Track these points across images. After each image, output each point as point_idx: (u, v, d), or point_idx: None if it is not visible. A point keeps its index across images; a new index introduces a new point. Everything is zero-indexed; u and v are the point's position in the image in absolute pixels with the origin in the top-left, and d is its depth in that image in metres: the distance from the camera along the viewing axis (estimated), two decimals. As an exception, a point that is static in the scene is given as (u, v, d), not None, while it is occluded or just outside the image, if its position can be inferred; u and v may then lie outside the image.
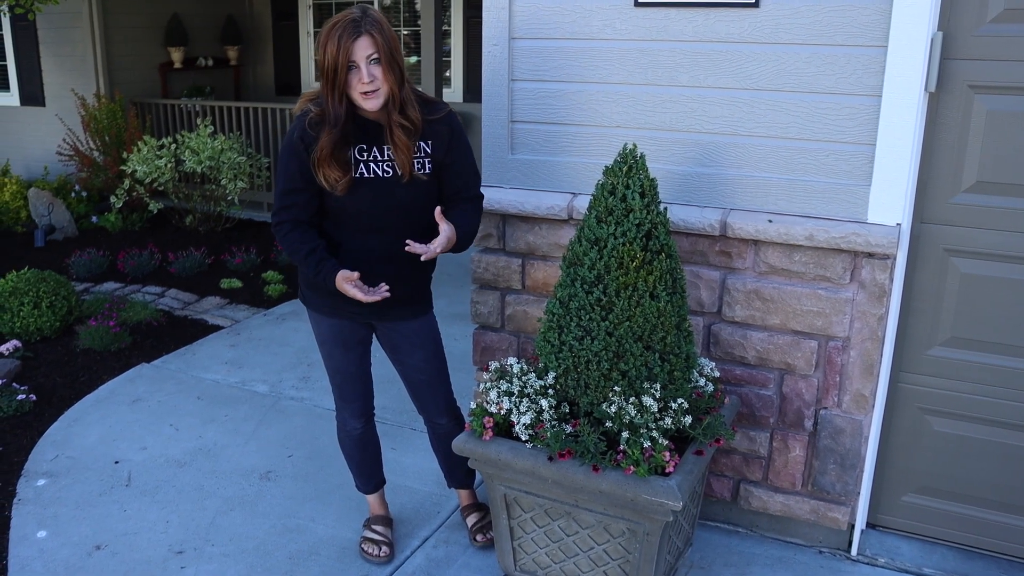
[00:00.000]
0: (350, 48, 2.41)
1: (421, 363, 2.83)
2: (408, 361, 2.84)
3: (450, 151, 2.63)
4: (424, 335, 2.81)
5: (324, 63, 2.45)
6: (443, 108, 2.63)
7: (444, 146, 2.61)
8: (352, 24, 2.42)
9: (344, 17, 2.44)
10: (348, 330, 2.76)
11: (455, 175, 2.66)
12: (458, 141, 2.64)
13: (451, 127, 2.63)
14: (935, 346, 2.80)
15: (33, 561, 3.00)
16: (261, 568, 2.95)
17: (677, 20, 2.77)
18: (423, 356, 2.82)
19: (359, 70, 2.43)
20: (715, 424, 2.51)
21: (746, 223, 2.77)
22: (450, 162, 2.63)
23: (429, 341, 2.82)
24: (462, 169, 2.67)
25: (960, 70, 2.57)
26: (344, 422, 2.96)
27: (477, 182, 2.74)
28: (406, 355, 2.83)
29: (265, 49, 10.02)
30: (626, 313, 2.42)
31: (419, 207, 2.63)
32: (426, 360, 2.83)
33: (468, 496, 3.14)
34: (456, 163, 2.65)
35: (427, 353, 2.83)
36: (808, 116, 2.68)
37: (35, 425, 3.97)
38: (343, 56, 2.42)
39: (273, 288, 5.87)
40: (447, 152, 2.62)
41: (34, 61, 8.82)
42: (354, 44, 2.41)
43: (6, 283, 4.98)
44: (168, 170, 7.04)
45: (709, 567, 2.92)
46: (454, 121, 2.64)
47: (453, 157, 2.64)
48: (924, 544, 2.98)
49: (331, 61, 2.42)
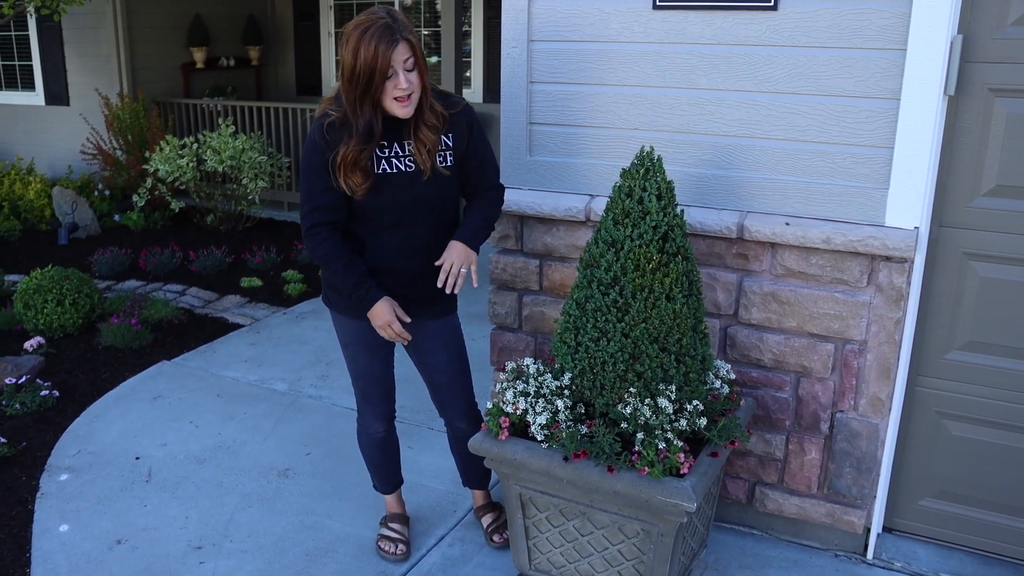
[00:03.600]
0: (389, 55, 2.35)
1: (444, 364, 2.83)
2: (431, 362, 2.83)
3: (471, 142, 2.64)
4: (448, 336, 2.81)
5: (356, 69, 2.37)
6: (459, 101, 2.64)
7: (464, 138, 2.62)
8: (387, 30, 2.36)
9: (373, 21, 2.37)
10: (372, 332, 2.72)
11: (476, 166, 2.67)
12: (477, 132, 2.66)
13: (470, 119, 2.63)
14: (953, 350, 2.79)
15: (55, 554, 3.04)
16: (278, 564, 2.98)
17: (695, 23, 2.77)
18: (446, 358, 2.82)
19: (397, 77, 2.38)
20: (730, 426, 2.52)
21: (763, 226, 2.77)
22: (471, 153, 2.65)
23: (453, 343, 2.82)
24: (482, 160, 2.68)
25: (980, 73, 2.55)
26: (366, 425, 2.95)
27: (496, 173, 2.75)
28: (430, 356, 2.82)
29: (286, 49, 10.09)
30: (642, 315, 2.43)
31: (442, 201, 2.63)
32: (449, 362, 2.82)
33: (483, 496, 3.14)
34: (476, 154, 2.66)
35: (450, 355, 2.82)
36: (826, 119, 2.68)
37: (58, 421, 4.03)
38: (382, 63, 2.35)
39: (293, 287, 5.92)
40: (468, 143, 2.63)
41: (59, 61, 8.93)
42: (393, 51, 2.36)
43: (30, 281, 5.05)
44: (190, 169, 7.11)
45: (724, 569, 2.93)
46: (472, 113, 2.65)
47: (473, 148, 2.65)
48: (941, 549, 2.97)
49: (366, 68, 2.36)
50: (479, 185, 2.71)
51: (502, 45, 3.05)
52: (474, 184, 2.70)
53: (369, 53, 2.35)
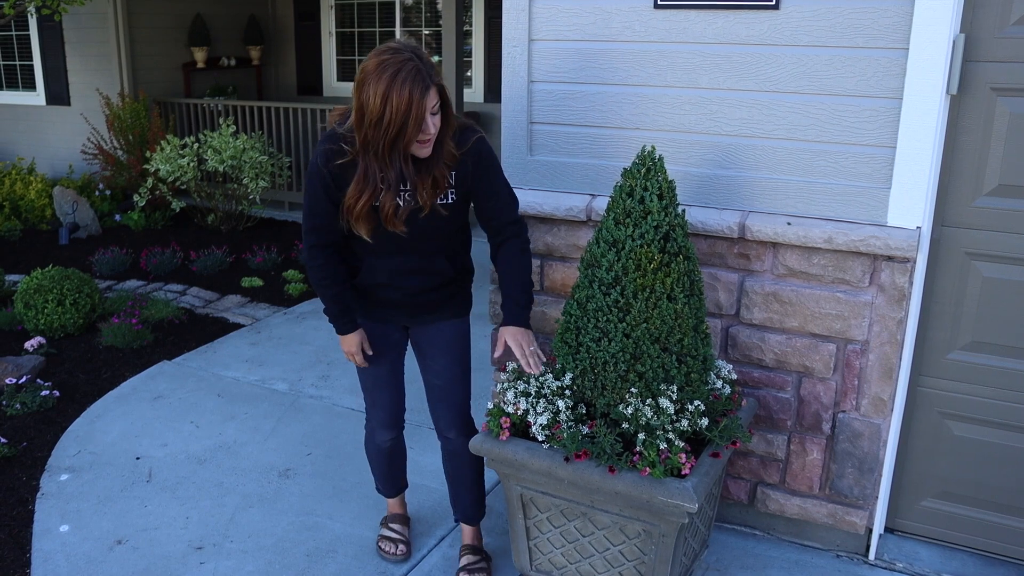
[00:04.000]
0: (423, 103, 2.22)
1: (441, 368, 2.73)
2: (430, 365, 2.75)
3: (477, 180, 2.50)
4: (451, 340, 2.71)
5: (387, 117, 2.21)
6: (470, 137, 2.47)
7: (468, 177, 2.48)
8: (419, 74, 2.20)
9: (401, 63, 2.20)
10: (380, 334, 2.70)
11: (485, 200, 2.54)
12: (484, 169, 2.50)
13: (477, 156, 2.47)
14: (955, 350, 2.78)
15: (55, 554, 3.04)
16: (279, 565, 2.98)
17: (697, 22, 2.77)
18: (444, 362, 2.72)
19: (425, 123, 2.26)
20: (732, 426, 2.51)
21: (765, 225, 2.76)
22: (478, 189, 2.52)
23: (456, 347, 2.72)
24: (491, 194, 2.54)
25: (983, 72, 2.55)
26: (373, 431, 2.89)
27: (512, 205, 2.59)
28: (430, 358, 2.74)
29: (287, 49, 10.09)
30: (643, 315, 2.43)
31: (443, 231, 2.54)
32: (447, 367, 2.73)
33: (472, 535, 2.95)
34: (484, 189, 2.52)
35: (449, 360, 2.72)
36: (828, 118, 2.67)
37: (58, 421, 4.02)
38: (417, 111, 2.21)
39: (294, 287, 5.91)
40: (473, 181, 2.50)
41: (60, 61, 8.93)
42: (425, 98, 2.22)
43: (31, 280, 5.05)
44: (191, 169, 7.11)
45: (725, 569, 2.92)
46: (481, 149, 2.48)
47: (480, 185, 2.51)
48: (943, 549, 2.96)
49: (398, 116, 2.20)
50: (493, 219, 2.57)
51: (503, 44, 3.05)
52: (488, 217, 2.57)
53: (403, 100, 2.19)
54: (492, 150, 2.53)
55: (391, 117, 2.21)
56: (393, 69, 2.20)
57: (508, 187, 2.58)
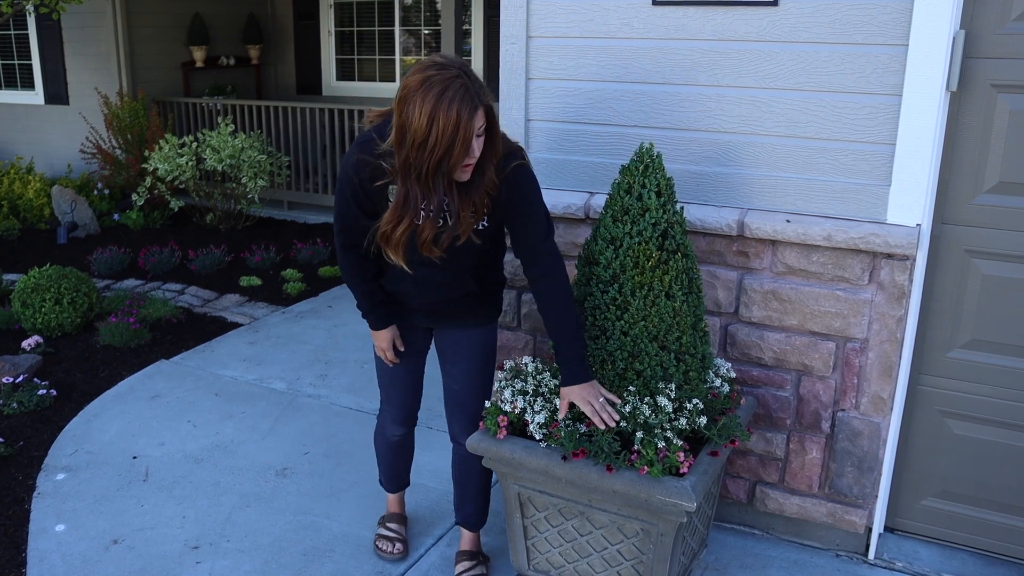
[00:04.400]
0: (471, 125, 2.07)
1: (461, 373, 2.67)
2: (450, 369, 2.69)
3: (510, 209, 2.37)
4: (473, 346, 2.64)
5: (433, 138, 2.06)
6: (510, 163, 2.31)
7: (503, 205, 2.35)
8: (467, 93, 2.06)
9: (449, 80, 2.06)
10: (403, 333, 2.66)
11: (518, 228, 2.40)
12: (521, 198, 2.36)
13: (513, 184, 2.33)
14: (955, 348, 2.77)
15: (51, 554, 3.02)
16: (276, 564, 2.96)
17: (695, 18, 2.75)
18: (464, 368, 2.66)
19: (472, 147, 2.13)
20: (730, 425, 2.50)
21: (764, 223, 2.75)
22: (511, 217, 2.39)
23: (478, 355, 2.65)
24: (524, 222, 2.39)
25: (983, 69, 2.53)
26: (384, 425, 2.88)
27: (546, 234, 2.41)
28: (450, 362, 2.68)
29: (286, 49, 10.08)
30: (641, 313, 2.41)
31: (474, 253, 2.43)
32: (467, 373, 2.66)
33: (470, 541, 2.90)
34: (517, 217, 2.38)
35: (469, 366, 2.65)
36: (827, 115, 2.66)
37: (55, 420, 4.01)
38: (465, 133, 2.06)
39: (292, 286, 5.90)
40: (506, 210, 2.37)
41: (58, 60, 8.92)
42: (473, 120, 2.08)
43: (28, 279, 5.04)
44: (189, 168, 7.10)
45: (724, 569, 2.91)
46: (518, 176, 2.33)
47: (513, 213, 2.38)
48: (943, 549, 2.94)
49: (444, 137, 2.05)
50: (524, 248, 2.42)
51: (501, 41, 3.03)
52: (519, 245, 2.43)
53: (450, 121, 2.04)
54: (532, 177, 2.38)
55: (437, 139, 2.05)
56: (440, 87, 2.05)
57: (543, 216, 2.41)
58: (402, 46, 9.41)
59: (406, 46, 9.42)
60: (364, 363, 4.66)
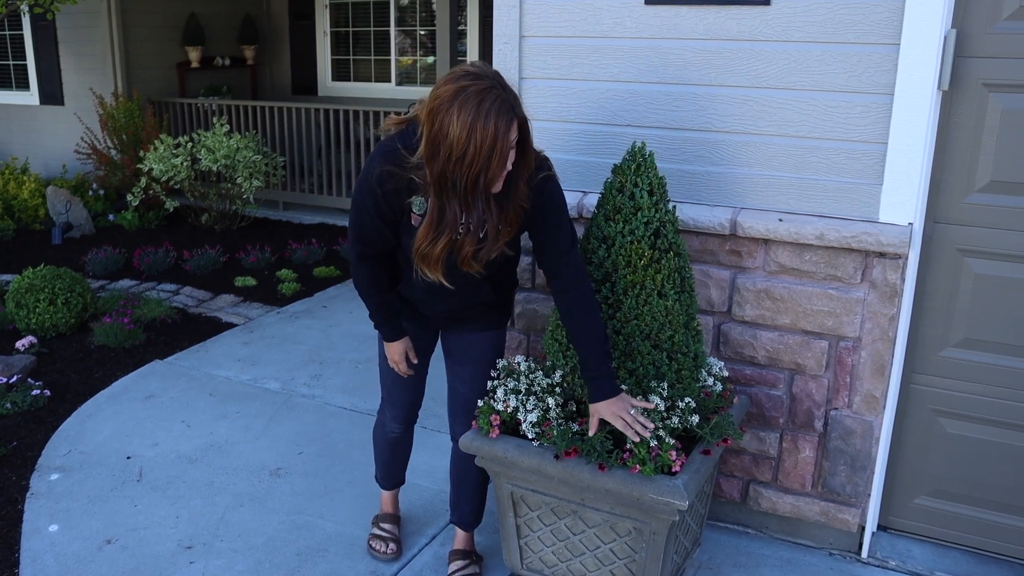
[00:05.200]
0: (508, 138, 2.03)
1: (467, 375, 2.67)
2: (458, 370, 2.69)
3: (539, 220, 2.33)
4: (484, 349, 2.64)
5: (469, 150, 1.99)
6: (539, 173, 2.28)
7: (531, 217, 2.32)
8: (504, 105, 2.02)
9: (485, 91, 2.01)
10: (409, 334, 2.64)
11: (542, 240, 2.37)
12: (549, 211, 2.32)
13: (541, 196, 2.30)
14: (948, 347, 2.77)
15: (44, 554, 3.02)
16: (269, 564, 2.96)
17: (688, 18, 2.76)
18: (471, 371, 2.66)
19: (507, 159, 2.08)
20: (723, 423, 2.50)
21: (756, 222, 2.75)
22: (535, 229, 2.36)
23: (486, 357, 2.65)
24: (552, 233, 2.35)
25: (974, 68, 2.54)
26: (383, 422, 2.89)
27: (571, 243, 2.36)
28: (458, 363, 2.68)
29: (282, 49, 10.08)
30: (634, 311, 2.41)
31: (495, 263, 2.37)
32: (473, 376, 2.66)
33: (464, 540, 2.90)
34: (546, 229, 2.35)
35: (476, 369, 2.65)
36: (819, 115, 2.66)
37: (49, 420, 4.00)
38: (502, 145, 2.02)
39: (287, 286, 5.90)
40: (534, 221, 2.34)
41: (53, 60, 8.91)
42: (510, 132, 2.04)
43: (23, 280, 5.03)
44: (184, 168, 7.09)
45: (718, 568, 2.91)
46: (544, 189, 2.30)
47: (542, 225, 2.34)
48: (936, 547, 2.95)
49: (482, 150, 1.99)
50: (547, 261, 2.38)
51: (494, 41, 3.04)
52: (542, 257, 2.39)
53: (487, 134, 1.99)
54: (560, 188, 2.36)
55: (475, 152, 1.99)
56: (477, 99, 1.99)
57: (570, 227, 2.38)
58: (398, 46, 9.41)
59: (402, 46, 9.42)
60: (359, 363, 4.66)
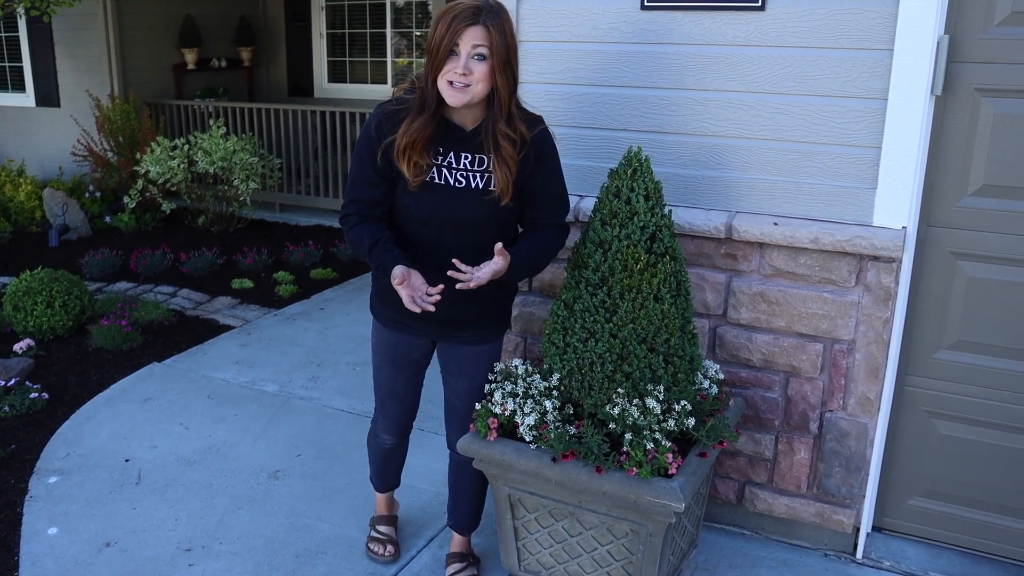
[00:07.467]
0: (459, 33, 2.23)
1: (463, 391, 2.67)
2: (454, 385, 2.69)
3: (534, 174, 2.42)
4: (479, 365, 2.64)
5: (430, 43, 2.28)
6: (537, 125, 2.43)
7: (529, 167, 2.41)
8: (471, 12, 2.24)
9: (467, 5, 2.27)
10: (404, 348, 2.65)
11: (537, 200, 2.47)
12: (545, 164, 2.44)
13: (540, 147, 2.42)
14: (941, 349, 2.80)
15: (43, 557, 3.03)
16: (268, 566, 2.97)
17: (683, 23, 2.78)
18: (468, 386, 2.66)
19: (457, 58, 2.24)
20: (718, 426, 2.52)
21: (752, 226, 2.77)
22: (534, 186, 2.44)
23: (481, 372, 2.65)
24: (546, 193, 2.47)
25: (967, 73, 2.56)
26: (376, 432, 2.89)
27: (562, 209, 2.52)
28: (454, 377, 2.68)
29: (278, 50, 10.07)
30: (630, 315, 2.43)
31: (489, 225, 2.43)
32: (469, 391, 2.66)
33: (461, 543, 2.91)
34: (540, 187, 2.45)
35: (473, 384, 2.65)
36: (814, 119, 2.68)
37: (47, 423, 4.01)
38: (448, 38, 2.24)
39: (284, 288, 5.91)
40: (531, 175, 2.42)
41: (50, 62, 8.90)
42: (465, 31, 2.23)
43: (20, 282, 5.03)
44: (181, 170, 7.10)
45: (714, 569, 2.93)
46: (543, 140, 2.44)
47: (537, 182, 2.44)
48: (931, 548, 2.97)
49: (436, 41, 2.26)
50: (538, 220, 2.50)
51: (491, 46, 3.05)
52: (533, 217, 2.50)
53: (444, 27, 2.25)
54: (555, 146, 2.49)
55: (433, 43, 2.26)
56: (452, 7, 2.26)
57: (561, 188, 2.51)
58: (394, 48, 9.42)
59: (398, 48, 9.43)
60: (356, 365, 4.68)
